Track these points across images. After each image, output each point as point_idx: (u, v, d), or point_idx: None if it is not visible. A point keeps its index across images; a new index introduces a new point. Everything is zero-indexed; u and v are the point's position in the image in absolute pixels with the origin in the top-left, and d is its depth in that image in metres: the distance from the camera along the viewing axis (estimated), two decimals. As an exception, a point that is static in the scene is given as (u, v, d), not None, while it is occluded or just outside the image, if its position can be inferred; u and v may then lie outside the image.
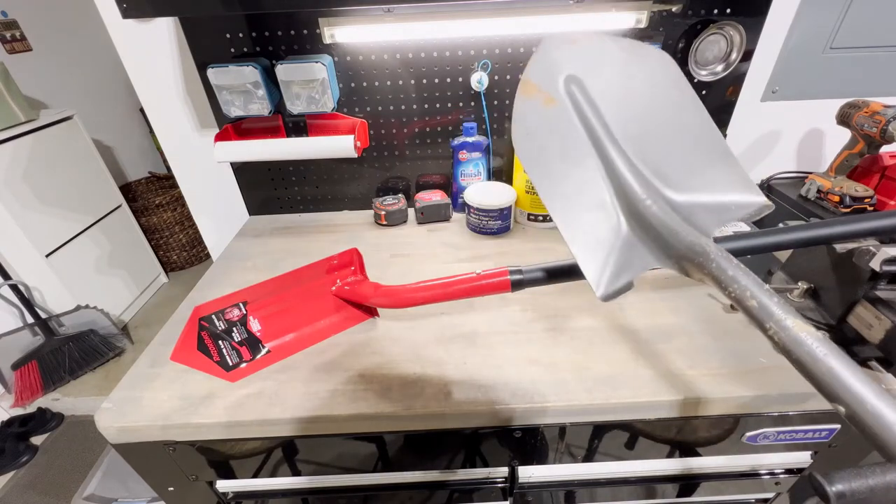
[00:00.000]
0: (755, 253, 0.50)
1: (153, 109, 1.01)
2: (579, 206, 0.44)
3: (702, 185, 0.40)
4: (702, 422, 0.61)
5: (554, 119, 0.44)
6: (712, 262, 0.36)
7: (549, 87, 0.43)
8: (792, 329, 0.30)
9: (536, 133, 0.45)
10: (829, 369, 0.28)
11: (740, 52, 0.88)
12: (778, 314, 0.31)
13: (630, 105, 0.42)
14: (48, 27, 2.18)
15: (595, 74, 0.42)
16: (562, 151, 0.44)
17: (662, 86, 0.40)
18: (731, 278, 0.34)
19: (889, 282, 0.52)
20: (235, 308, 0.64)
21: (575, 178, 0.44)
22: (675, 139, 0.40)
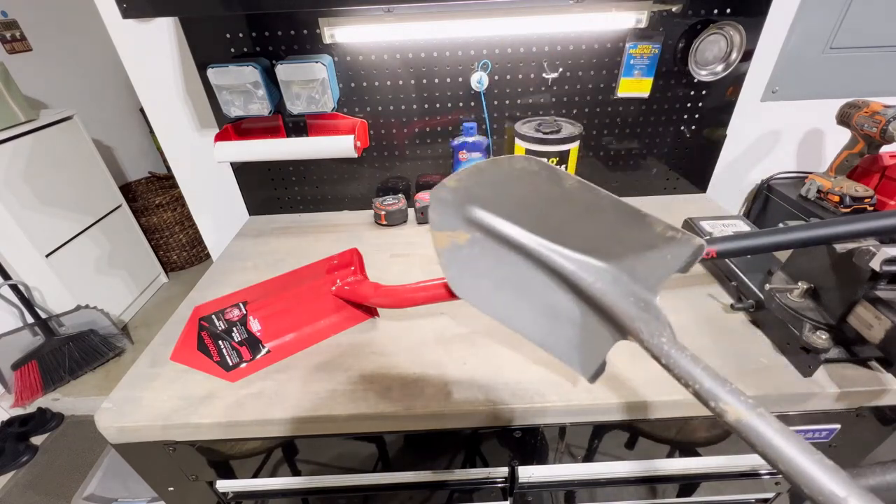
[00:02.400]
0: (755, 253, 0.51)
1: (153, 109, 1.01)
2: (533, 312, 0.46)
3: (630, 249, 0.40)
4: (702, 422, 0.61)
5: (477, 250, 0.46)
6: (647, 343, 0.37)
7: (456, 226, 0.46)
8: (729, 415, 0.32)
9: (469, 271, 0.47)
10: (775, 451, 0.30)
11: (740, 52, 0.88)
12: (721, 399, 0.33)
13: (530, 209, 0.43)
14: (48, 27, 2.18)
15: (487, 198, 0.44)
16: (500, 276, 0.47)
17: (545, 181, 0.41)
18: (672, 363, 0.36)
19: (889, 282, 0.52)
20: (235, 308, 0.64)
21: (518, 289, 0.46)
22: (587, 220, 0.41)
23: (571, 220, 0.42)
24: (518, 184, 0.42)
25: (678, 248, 0.37)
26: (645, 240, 0.38)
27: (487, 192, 0.43)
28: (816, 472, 0.27)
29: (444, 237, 0.46)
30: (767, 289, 0.63)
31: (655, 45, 0.90)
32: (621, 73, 0.94)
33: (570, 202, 0.41)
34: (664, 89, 0.97)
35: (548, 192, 0.41)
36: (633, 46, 0.90)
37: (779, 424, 0.30)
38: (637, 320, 0.38)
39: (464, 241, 0.46)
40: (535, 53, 0.92)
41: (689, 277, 0.79)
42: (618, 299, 0.40)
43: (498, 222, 0.44)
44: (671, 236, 0.37)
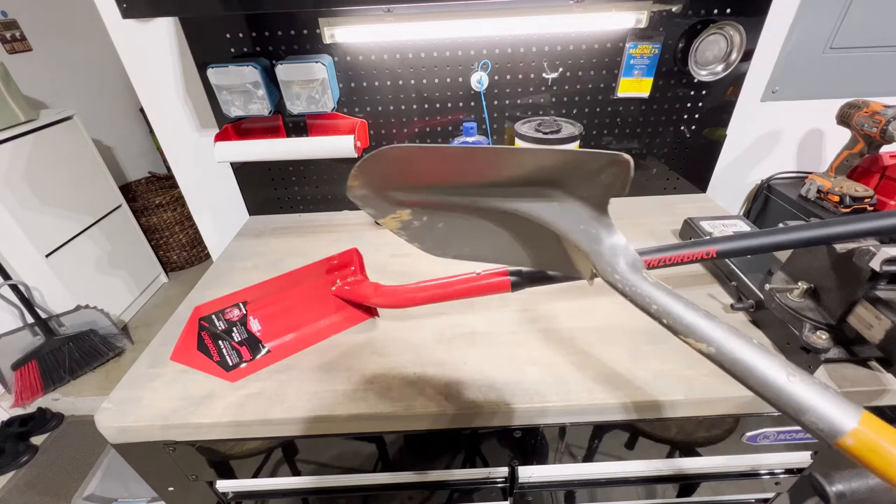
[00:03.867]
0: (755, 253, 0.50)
1: (153, 109, 1.01)
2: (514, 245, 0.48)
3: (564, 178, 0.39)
4: (702, 422, 0.61)
5: (425, 218, 0.48)
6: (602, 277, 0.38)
7: (393, 209, 0.47)
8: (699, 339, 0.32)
9: (431, 236, 0.49)
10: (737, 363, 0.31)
11: (740, 52, 0.88)
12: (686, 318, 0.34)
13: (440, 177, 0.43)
14: (48, 27, 2.18)
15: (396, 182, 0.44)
16: (460, 229, 0.48)
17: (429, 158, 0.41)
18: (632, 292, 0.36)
19: (889, 282, 0.52)
20: (235, 308, 0.64)
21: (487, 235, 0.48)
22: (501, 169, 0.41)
23: (483, 175, 0.41)
24: (410, 165, 0.42)
25: (607, 168, 0.35)
26: (571, 169, 0.37)
27: (389, 179, 0.44)
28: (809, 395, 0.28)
29: (391, 220, 0.47)
30: (767, 289, 0.63)
31: (655, 45, 0.90)
32: (621, 73, 0.94)
33: (466, 165, 0.40)
34: (664, 89, 0.97)
35: (440, 165, 0.41)
36: (633, 46, 0.90)
37: (757, 350, 0.30)
38: (591, 253, 0.38)
39: (409, 217, 0.47)
40: (535, 53, 0.92)
41: (689, 277, 0.79)
42: (568, 230, 0.40)
43: (418, 195, 0.45)
44: (596, 159, 0.35)
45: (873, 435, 0.26)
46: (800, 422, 0.28)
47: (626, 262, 0.37)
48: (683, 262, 0.50)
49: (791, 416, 0.28)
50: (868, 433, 0.26)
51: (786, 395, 0.28)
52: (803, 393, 0.28)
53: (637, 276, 0.36)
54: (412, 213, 0.47)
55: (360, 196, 0.45)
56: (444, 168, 0.41)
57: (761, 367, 0.30)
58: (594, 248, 0.38)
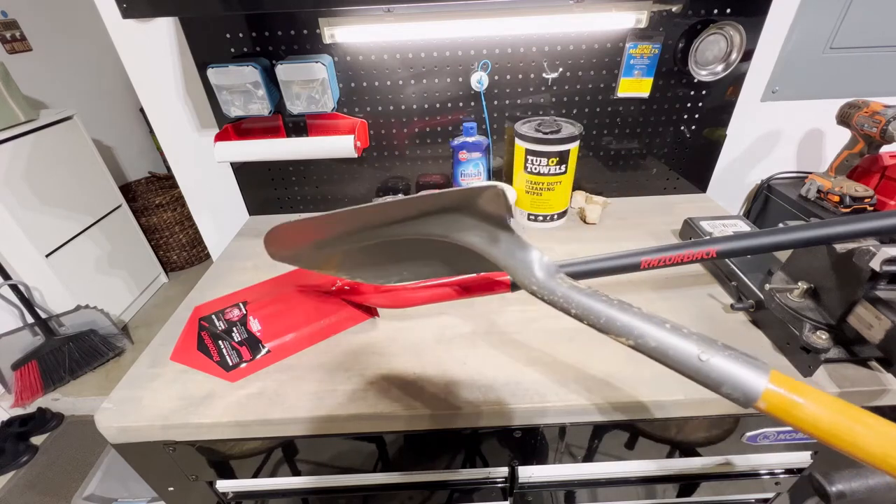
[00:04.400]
0: (755, 253, 0.50)
1: (153, 109, 1.01)
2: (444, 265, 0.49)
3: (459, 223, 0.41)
4: (702, 422, 0.61)
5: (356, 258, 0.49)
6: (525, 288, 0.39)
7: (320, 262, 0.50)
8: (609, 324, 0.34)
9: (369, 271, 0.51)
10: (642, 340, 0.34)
11: (740, 52, 0.88)
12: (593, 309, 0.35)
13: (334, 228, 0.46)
14: (48, 27, 2.19)
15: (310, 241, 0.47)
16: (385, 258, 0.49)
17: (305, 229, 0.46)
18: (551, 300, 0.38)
19: (889, 282, 0.52)
20: (235, 308, 0.64)
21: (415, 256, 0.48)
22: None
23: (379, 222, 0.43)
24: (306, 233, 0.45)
25: (486, 198, 0.36)
26: (455, 205, 0.38)
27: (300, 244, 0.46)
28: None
29: (327, 269, 0.52)
30: (767, 289, 0.63)
31: (655, 45, 0.90)
32: (621, 73, 0.94)
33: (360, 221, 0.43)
34: (664, 89, 0.97)
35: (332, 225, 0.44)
36: (633, 46, 0.90)
37: (670, 334, 0.33)
38: (508, 269, 0.39)
39: (340, 260, 0.50)
40: (535, 53, 0.92)
41: (689, 277, 0.79)
42: (481, 250, 0.40)
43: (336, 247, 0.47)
44: (470, 196, 0.36)
45: (783, 391, 0.28)
46: (721, 394, 0.30)
47: (540, 271, 0.38)
48: (683, 262, 0.50)
49: (712, 390, 0.30)
50: (778, 391, 0.28)
51: (702, 373, 0.30)
52: (715, 368, 0.30)
53: (553, 281, 0.37)
54: (341, 257, 0.49)
55: (286, 258, 0.48)
56: (339, 226, 0.43)
57: (675, 350, 0.32)
58: (509, 262, 0.39)
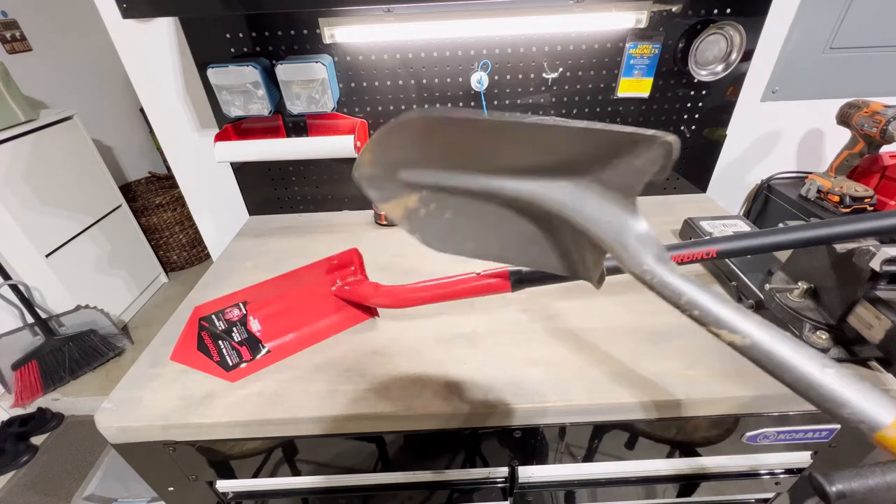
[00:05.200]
0: (755, 253, 0.50)
1: (153, 109, 1.01)
2: (521, 242, 0.44)
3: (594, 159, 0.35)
4: (702, 422, 0.61)
5: (433, 206, 0.43)
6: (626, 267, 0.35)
7: (399, 193, 0.42)
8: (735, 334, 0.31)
9: (434, 228, 0.45)
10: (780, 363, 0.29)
11: (740, 52, 0.88)
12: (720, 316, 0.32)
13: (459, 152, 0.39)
14: (48, 27, 2.19)
15: (409, 159, 0.40)
16: (465, 223, 0.44)
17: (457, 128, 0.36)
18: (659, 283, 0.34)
19: (889, 282, 0.52)
20: (235, 308, 0.64)
21: (496, 230, 0.44)
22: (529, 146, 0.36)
23: (509, 152, 0.37)
24: (432, 136, 0.37)
25: (646, 150, 0.32)
26: (606, 150, 0.34)
27: (406, 153, 0.39)
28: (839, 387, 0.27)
29: (395, 207, 0.43)
30: (767, 289, 0.63)
31: (655, 45, 0.90)
32: (621, 73, 0.94)
33: (493, 139, 0.36)
34: (664, 89, 0.97)
35: (468, 134, 0.36)
36: (633, 46, 0.90)
37: (791, 341, 0.29)
38: (616, 245, 0.35)
39: (415, 204, 0.43)
40: (535, 53, 0.92)
41: (689, 277, 0.79)
42: (590, 221, 0.36)
43: (432, 176, 0.41)
44: (636, 139, 0.32)
45: None
46: (838, 416, 0.27)
47: (653, 254, 0.34)
48: (683, 262, 0.50)
49: (829, 409, 0.27)
50: None
51: (824, 389, 0.27)
52: (840, 385, 0.27)
53: (665, 268, 0.34)
54: (420, 198, 0.43)
55: (368, 176, 0.40)
56: (471, 142, 0.37)
57: (796, 357, 0.29)
58: (620, 240, 0.35)
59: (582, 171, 0.36)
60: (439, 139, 0.37)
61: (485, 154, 0.38)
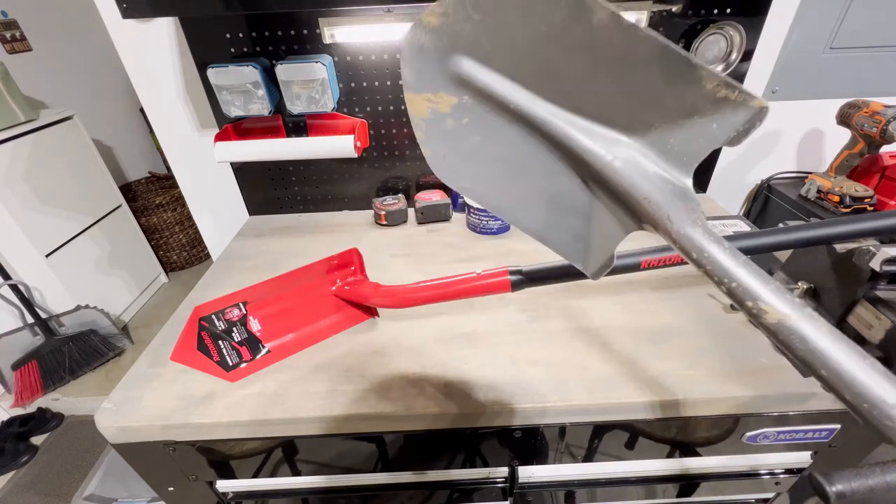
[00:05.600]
0: (755, 253, 0.51)
1: (153, 109, 1.01)
2: (536, 200, 0.38)
3: (666, 115, 0.31)
4: (702, 422, 0.61)
5: (460, 121, 0.36)
6: (672, 231, 0.31)
7: (438, 87, 0.35)
8: (768, 315, 0.28)
9: (454, 148, 0.37)
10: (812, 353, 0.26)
11: (740, 52, 0.88)
12: (762, 297, 0.28)
13: (535, 59, 0.32)
14: (48, 27, 2.19)
15: (481, 44, 0.33)
16: (488, 153, 0.37)
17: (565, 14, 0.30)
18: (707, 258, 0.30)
19: (889, 282, 0.52)
20: (235, 308, 0.64)
21: (517, 174, 0.37)
22: (614, 74, 0.31)
23: (593, 75, 0.31)
24: (525, 19, 0.31)
25: (731, 112, 0.28)
26: (687, 102, 0.30)
27: (481, 34, 0.32)
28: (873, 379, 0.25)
29: (423, 102, 0.36)
30: (767, 289, 0.63)
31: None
32: (621, 73, 0.94)
33: (595, 47, 0.30)
34: (664, 89, 0.97)
35: (566, 33, 0.30)
36: (633, 46, 0.90)
37: (828, 326, 0.26)
38: (664, 206, 0.31)
39: (448, 109, 0.36)
40: (535, 53, 0.92)
41: (690, 277, 0.79)
42: (639, 182, 0.32)
43: (494, 80, 0.34)
44: (723, 96, 0.28)
45: None
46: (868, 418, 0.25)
47: (702, 228, 0.31)
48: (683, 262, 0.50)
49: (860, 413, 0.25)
50: None
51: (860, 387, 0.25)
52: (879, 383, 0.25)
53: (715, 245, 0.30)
54: (459, 104, 0.35)
55: (421, 45, 0.33)
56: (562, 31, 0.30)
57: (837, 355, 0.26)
58: (670, 201, 0.31)
59: (650, 127, 0.32)
60: (535, 24, 0.30)
61: (565, 74, 0.32)
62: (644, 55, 0.30)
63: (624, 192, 0.33)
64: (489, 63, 0.33)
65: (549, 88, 0.33)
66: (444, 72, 0.34)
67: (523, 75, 0.33)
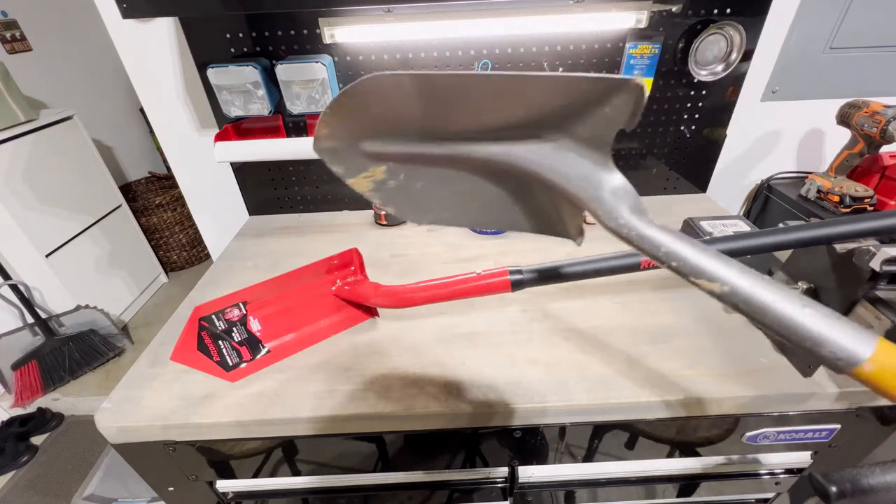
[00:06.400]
0: (755, 253, 0.50)
1: (153, 109, 1.01)
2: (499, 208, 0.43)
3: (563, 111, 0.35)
4: (702, 422, 0.61)
5: (402, 176, 0.41)
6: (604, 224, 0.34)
7: (364, 166, 0.40)
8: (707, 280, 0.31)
9: (406, 199, 0.43)
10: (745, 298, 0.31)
11: (740, 52, 0.88)
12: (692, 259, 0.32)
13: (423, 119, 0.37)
14: (48, 27, 2.19)
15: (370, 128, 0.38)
16: (437, 191, 0.42)
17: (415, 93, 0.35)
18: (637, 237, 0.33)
19: (889, 282, 0.52)
20: (235, 308, 0.64)
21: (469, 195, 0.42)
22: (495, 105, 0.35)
23: (477, 112, 0.36)
24: (391, 104, 0.35)
25: (616, 96, 0.32)
26: (573, 100, 0.33)
27: (364, 122, 0.37)
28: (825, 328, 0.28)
29: (363, 181, 0.41)
30: (767, 289, 0.63)
31: (655, 45, 0.90)
32: (621, 73, 0.94)
33: (459, 98, 0.35)
34: (664, 89, 0.97)
35: (428, 95, 0.35)
36: (633, 46, 0.90)
37: (771, 284, 0.30)
38: (592, 201, 0.34)
39: (383, 175, 0.41)
40: (535, 53, 0.92)
41: (689, 277, 0.79)
42: (564, 178, 0.36)
43: (395, 146, 0.39)
44: (604, 86, 0.31)
45: (892, 359, 0.26)
46: (819, 355, 0.28)
47: (629, 206, 0.34)
48: (683, 262, 0.50)
49: (810, 349, 0.28)
50: (886, 358, 0.26)
51: (804, 328, 0.28)
52: (818, 323, 0.28)
53: (642, 220, 0.33)
54: (387, 170, 0.41)
55: (329, 149, 0.38)
56: (433, 105, 0.35)
57: (774, 299, 0.29)
58: (595, 194, 0.34)
59: (552, 128, 0.36)
60: (398, 104, 0.35)
61: (449, 117, 0.37)
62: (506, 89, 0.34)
63: (556, 186, 0.36)
64: (383, 136, 0.38)
65: (446, 132, 0.38)
66: (359, 155, 0.39)
67: (419, 133, 0.38)
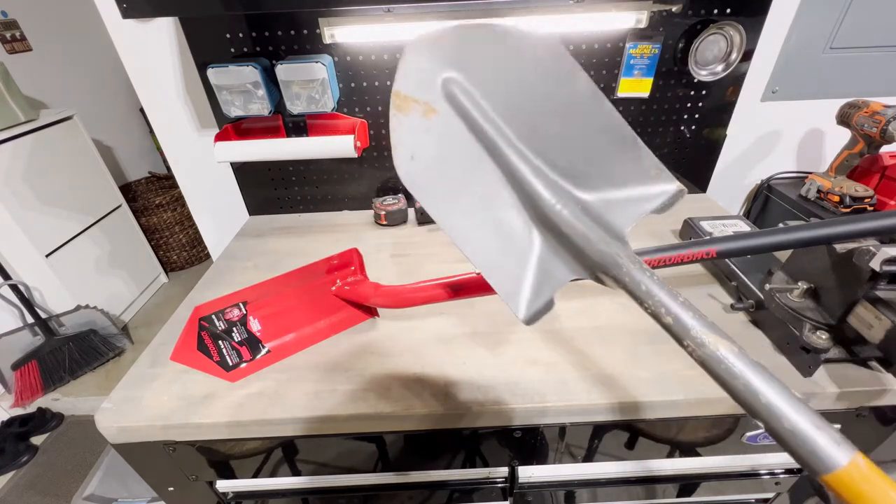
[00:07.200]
0: (755, 253, 0.50)
1: (153, 109, 1.01)
2: (484, 226, 0.39)
3: (611, 180, 0.37)
4: (702, 422, 0.61)
5: (438, 131, 0.38)
6: (625, 274, 0.34)
7: (426, 94, 0.37)
8: (709, 346, 0.29)
9: (425, 156, 0.38)
10: (746, 385, 0.27)
11: (740, 52, 0.88)
12: (695, 329, 0.30)
13: (520, 101, 0.37)
14: (48, 27, 2.18)
15: (474, 71, 0.36)
16: (453, 168, 0.39)
17: (554, 75, 0.35)
18: (646, 293, 0.33)
19: (889, 282, 0.52)
20: (235, 308, 0.64)
21: (474, 195, 0.39)
22: (575, 133, 0.36)
23: (563, 132, 0.37)
24: (519, 65, 0.34)
25: (659, 187, 0.36)
26: (629, 172, 0.37)
27: (477, 62, 0.35)
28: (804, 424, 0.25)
29: (410, 103, 0.37)
30: (767, 289, 0.63)
31: (655, 45, 0.90)
32: (621, 73, 0.94)
33: (571, 107, 0.36)
34: (664, 89, 0.97)
35: (551, 88, 0.35)
36: (633, 46, 0.90)
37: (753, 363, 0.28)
38: (607, 254, 0.35)
39: (431, 117, 0.37)
40: (535, 53, 0.92)
41: (689, 277, 0.79)
42: (585, 231, 0.36)
43: (479, 104, 0.37)
44: (655, 174, 0.36)
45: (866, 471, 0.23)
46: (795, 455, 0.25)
47: (639, 264, 0.35)
48: (683, 262, 0.50)
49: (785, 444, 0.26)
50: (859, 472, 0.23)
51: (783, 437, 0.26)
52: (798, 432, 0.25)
53: (641, 274, 0.35)
54: (440, 116, 0.37)
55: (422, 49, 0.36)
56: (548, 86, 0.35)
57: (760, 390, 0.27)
58: (612, 249, 0.35)
59: (597, 187, 0.38)
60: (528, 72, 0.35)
61: (543, 121, 0.37)
62: (604, 125, 0.36)
63: (569, 237, 0.37)
64: (479, 87, 0.37)
65: (526, 129, 0.38)
66: (435, 81, 0.37)
67: (506, 109, 0.38)
